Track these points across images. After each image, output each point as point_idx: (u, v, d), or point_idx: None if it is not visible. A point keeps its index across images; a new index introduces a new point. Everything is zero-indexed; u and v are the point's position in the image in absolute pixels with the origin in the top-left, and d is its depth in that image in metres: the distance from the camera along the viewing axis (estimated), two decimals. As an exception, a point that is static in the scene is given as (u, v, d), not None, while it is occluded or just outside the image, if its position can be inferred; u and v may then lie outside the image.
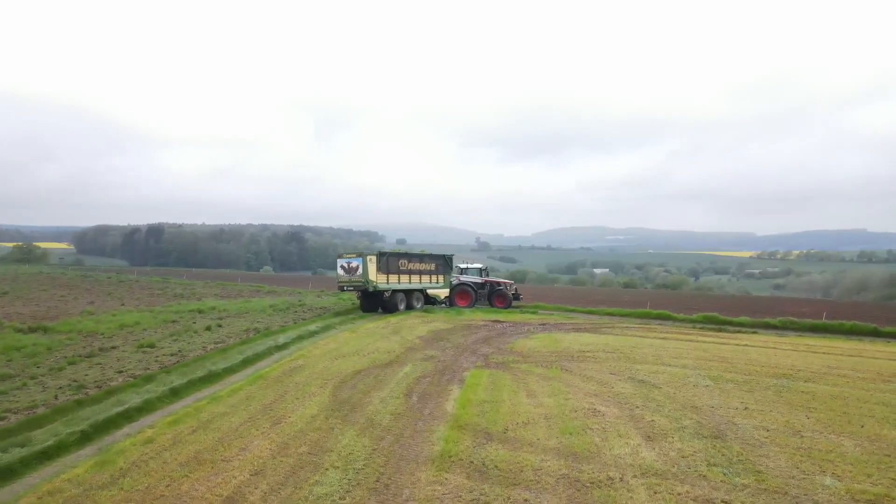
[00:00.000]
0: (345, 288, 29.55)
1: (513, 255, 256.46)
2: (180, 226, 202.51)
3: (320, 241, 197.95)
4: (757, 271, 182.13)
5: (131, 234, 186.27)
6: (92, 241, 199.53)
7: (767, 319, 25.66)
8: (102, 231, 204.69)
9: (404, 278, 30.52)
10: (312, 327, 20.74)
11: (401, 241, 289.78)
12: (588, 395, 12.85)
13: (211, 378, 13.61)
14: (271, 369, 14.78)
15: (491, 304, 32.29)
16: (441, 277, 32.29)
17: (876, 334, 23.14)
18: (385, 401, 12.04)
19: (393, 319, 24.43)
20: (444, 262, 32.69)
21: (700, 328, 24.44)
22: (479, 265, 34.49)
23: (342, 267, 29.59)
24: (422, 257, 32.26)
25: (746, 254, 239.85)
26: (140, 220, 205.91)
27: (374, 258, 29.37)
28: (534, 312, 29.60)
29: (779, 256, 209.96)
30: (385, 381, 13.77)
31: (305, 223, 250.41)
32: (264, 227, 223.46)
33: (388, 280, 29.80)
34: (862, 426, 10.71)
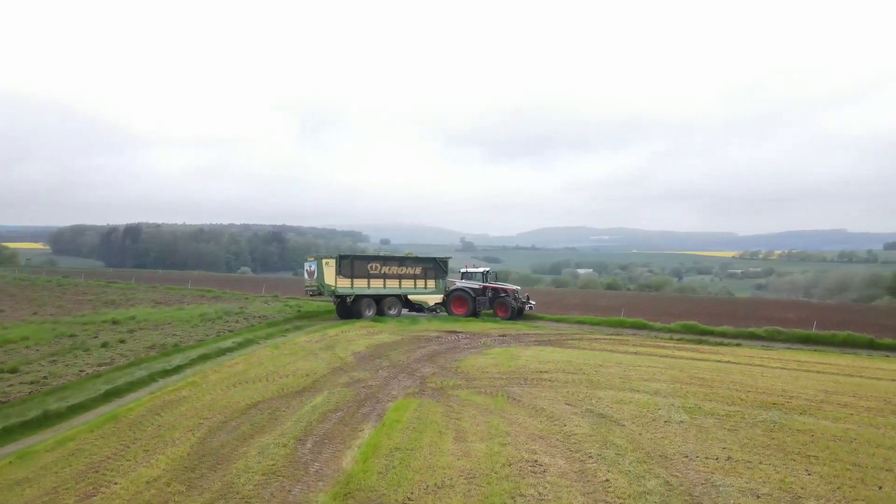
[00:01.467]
0: (308, 292, 28.17)
1: (497, 255, 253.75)
2: (159, 226, 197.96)
3: (302, 242, 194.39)
4: (739, 271, 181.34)
5: (108, 234, 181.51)
6: (69, 242, 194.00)
7: (752, 329, 23.19)
8: (79, 231, 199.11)
9: (376, 283, 27.82)
10: (228, 343, 17.86)
11: (385, 242, 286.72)
12: (532, 437, 10.20)
13: (41, 422, 10.71)
14: (137, 405, 11.88)
15: (494, 314, 28.57)
16: (431, 282, 28.94)
17: (872, 346, 20.79)
18: (265, 451, 9.28)
19: (332, 332, 21.61)
20: (435, 266, 29.26)
21: (678, 340, 21.93)
22: (483, 269, 30.61)
23: (307, 271, 27.94)
24: (403, 260, 29.42)
25: (729, 254, 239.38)
26: (121, 220, 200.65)
27: (331, 261, 27.19)
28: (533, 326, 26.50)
29: (761, 256, 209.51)
30: (281, 419, 11.01)
31: (289, 223, 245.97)
32: (246, 227, 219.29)
33: (352, 285, 27.35)
34: (880, 487, 8.16)
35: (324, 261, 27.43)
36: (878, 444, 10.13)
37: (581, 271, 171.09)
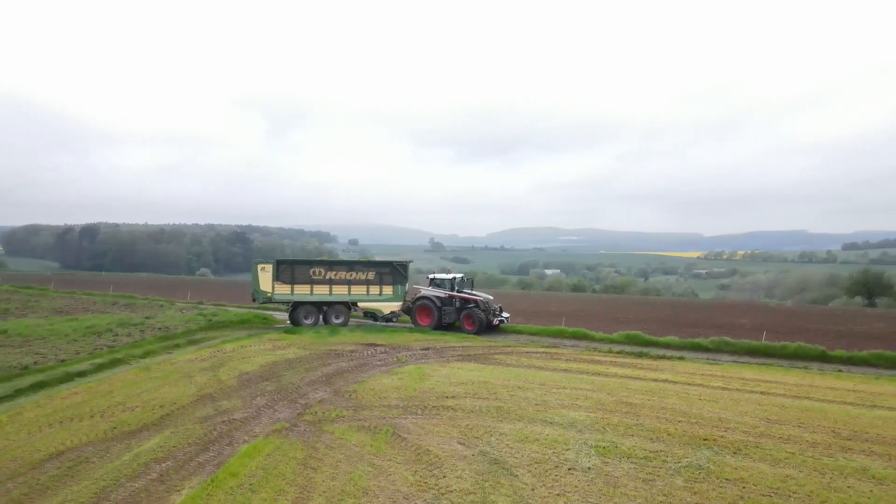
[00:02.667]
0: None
1: (466, 255, 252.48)
2: (118, 226, 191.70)
3: (267, 242, 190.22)
4: (704, 272, 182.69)
5: (63, 234, 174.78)
6: (21, 242, 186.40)
7: (699, 340, 21.36)
8: (33, 231, 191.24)
9: (320, 289, 25.50)
10: (84, 366, 15.10)
11: (353, 242, 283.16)
12: (394, 498, 8.02)
13: None
14: None
15: (461, 326, 24.87)
16: (388, 288, 25.94)
17: (823, 359, 19.11)
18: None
19: (230, 346, 19.11)
20: (393, 271, 26.13)
21: (617, 353, 19.97)
22: (453, 275, 26.54)
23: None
24: (352, 265, 26.78)
25: (694, 254, 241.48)
26: (81, 220, 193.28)
27: (268, 267, 25.40)
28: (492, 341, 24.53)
29: (725, 257, 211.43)
30: (80, 475, 8.64)
31: (255, 223, 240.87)
32: (210, 228, 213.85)
33: (292, 291, 25.27)
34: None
35: (260, 266, 25.59)
36: (823, 499, 8.20)
37: (548, 272, 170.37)
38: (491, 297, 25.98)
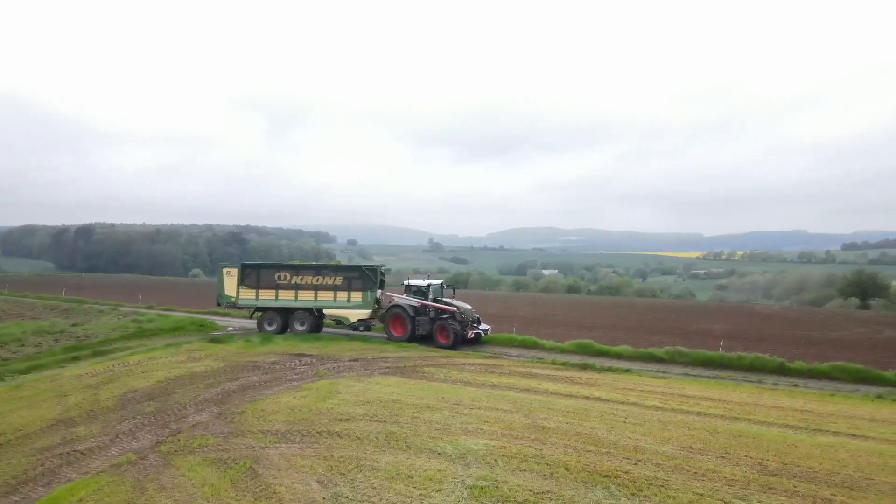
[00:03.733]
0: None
1: (465, 255, 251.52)
2: (113, 226, 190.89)
3: (264, 242, 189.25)
4: (702, 272, 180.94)
5: (58, 234, 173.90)
6: (16, 243, 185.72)
7: (653, 350, 19.92)
8: (28, 231, 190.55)
9: (286, 294, 24.28)
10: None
11: (352, 243, 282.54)
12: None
13: None
14: None
15: (434, 339, 22.51)
16: (357, 294, 24.09)
17: (782, 371, 17.67)
18: None
19: (135, 359, 17.59)
20: (362, 276, 24.28)
21: (561, 364, 18.54)
22: (429, 281, 24.07)
23: None
24: (320, 269, 25.02)
25: (693, 254, 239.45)
26: (79, 220, 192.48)
27: (233, 271, 24.59)
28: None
29: (724, 257, 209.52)
30: None
31: (254, 223, 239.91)
32: (208, 228, 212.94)
33: (257, 296, 24.27)
34: None
35: (225, 270, 24.90)
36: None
37: (546, 272, 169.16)
38: (469, 307, 23.67)
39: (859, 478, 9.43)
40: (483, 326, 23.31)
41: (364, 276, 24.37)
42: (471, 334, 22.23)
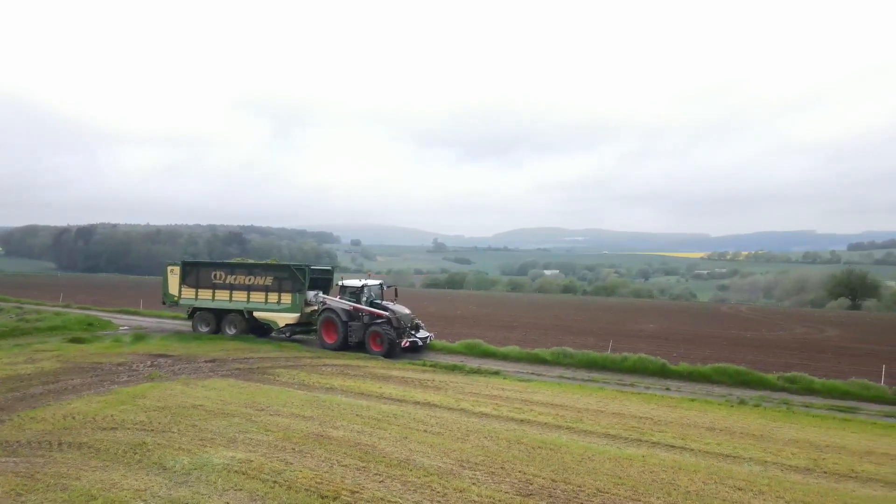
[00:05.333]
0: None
1: (468, 256, 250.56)
2: (115, 226, 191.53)
3: (264, 243, 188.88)
4: (706, 272, 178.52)
5: (60, 235, 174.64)
6: (19, 243, 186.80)
7: (539, 351, 18.66)
8: (31, 232, 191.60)
9: (221, 294, 22.99)
10: None
11: (355, 243, 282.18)
12: None
13: None
14: None
15: (367, 347, 20.37)
16: (286, 297, 22.20)
17: (662, 373, 16.48)
18: None
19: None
20: (290, 276, 22.26)
21: (431, 366, 17.35)
22: (364, 281, 21.71)
23: None
24: (252, 268, 23.25)
25: (698, 254, 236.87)
26: (85, 220, 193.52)
27: (176, 269, 23.68)
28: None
29: (728, 257, 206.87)
30: None
31: (257, 223, 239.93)
32: (211, 228, 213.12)
33: (196, 295, 23.18)
34: None
35: (169, 268, 23.95)
36: None
37: (548, 272, 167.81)
38: (408, 311, 21.33)
39: (625, 498, 8.13)
40: (423, 333, 21.09)
41: (293, 277, 22.28)
42: (405, 342, 19.85)
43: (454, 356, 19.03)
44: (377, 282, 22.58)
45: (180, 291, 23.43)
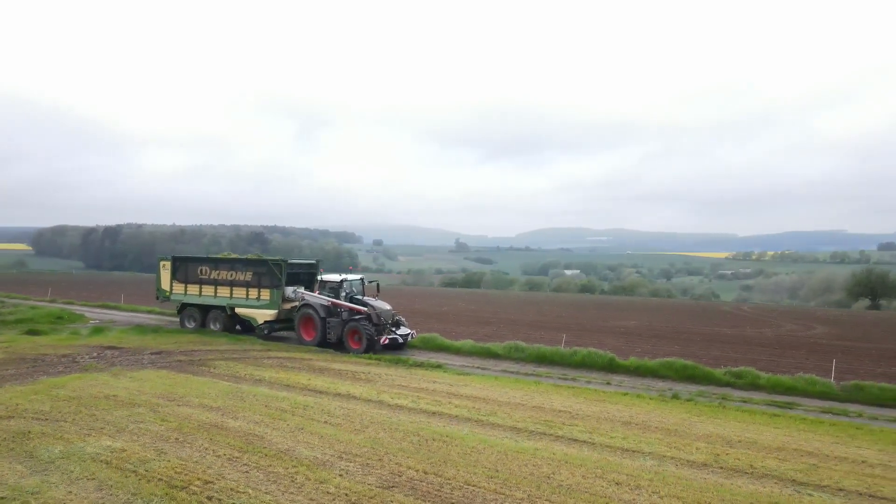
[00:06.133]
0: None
1: (490, 256, 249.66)
2: (140, 226, 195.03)
3: (285, 242, 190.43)
4: (730, 272, 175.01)
5: (87, 234, 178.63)
6: (49, 242, 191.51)
7: (491, 345, 18.33)
8: (60, 232, 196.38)
9: (207, 290, 22.90)
10: None
11: (377, 243, 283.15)
12: None
13: None
14: None
15: (345, 344, 19.68)
16: (265, 292, 21.73)
17: (610, 368, 15.91)
18: None
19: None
20: (268, 272, 21.77)
21: (377, 359, 17.08)
22: (343, 276, 20.97)
23: None
24: (234, 263, 22.89)
25: (723, 254, 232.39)
26: (109, 221, 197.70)
27: (168, 264, 23.74)
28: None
29: (754, 257, 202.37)
30: None
31: (280, 224, 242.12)
32: (235, 228, 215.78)
33: (185, 291, 23.26)
34: None
35: (161, 263, 24.07)
36: None
37: (568, 272, 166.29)
38: (388, 307, 20.51)
39: (490, 491, 7.74)
40: (404, 330, 20.38)
41: (271, 272, 21.73)
42: (384, 339, 19.22)
43: (408, 350, 18.70)
44: (357, 276, 21.94)
45: (171, 287, 23.47)
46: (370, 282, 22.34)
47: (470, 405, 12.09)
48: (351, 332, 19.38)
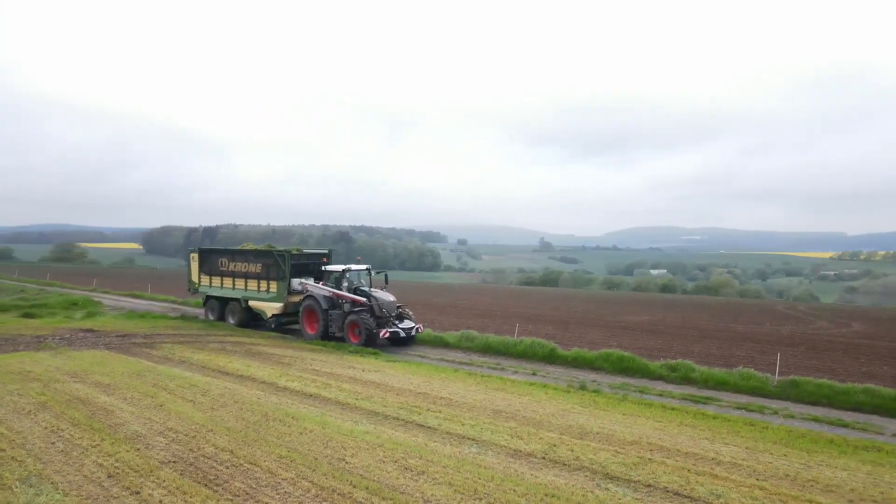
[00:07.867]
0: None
1: (575, 255, 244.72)
2: (237, 227, 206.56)
3: (370, 241, 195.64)
4: (832, 273, 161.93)
5: (189, 234, 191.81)
6: (157, 242, 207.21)
7: (444, 336, 17.63)
8: (166, 232, 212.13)
9: (226, 282, 22.90)
10: None
11: (462, 242, 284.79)
12: None
13: None
14: None
15: (345, 337, 18.81)
16: (274, 284, 21.24)
17: (550, 359, 14.89)
18: None
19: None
20: (275, 263, 21.13)
21: (321, 346, 16.85)
22: (345, 266, 20.27)
23: None
24: (246, 255, 22.41)
25: (828, 254, 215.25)
26: (211, 221, 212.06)
27: (196, 256, 24.02)
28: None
29: (862, 257, 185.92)
30: None
31: (368, 223, 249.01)
32: (324, 228, 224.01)
33: (210, 283, 23.46)
34: None
35: (192, 255, 24.31)
36: None
37: (655, 272, 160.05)
38: (392, 299, 19.36)
39: (271, 469, 7.37)
40: (408, 324, 19.09)
41: (277, 264, 20.98)
42: (385, 333, 18.00)
43: (414, 346, 18.42)
44: (362, 267, 20.84)
45: (199, 279, 23.61)
46: (377, 272, 21.25)
47: (354, 390, 11.71)
48: (351, 324, 18.52)
